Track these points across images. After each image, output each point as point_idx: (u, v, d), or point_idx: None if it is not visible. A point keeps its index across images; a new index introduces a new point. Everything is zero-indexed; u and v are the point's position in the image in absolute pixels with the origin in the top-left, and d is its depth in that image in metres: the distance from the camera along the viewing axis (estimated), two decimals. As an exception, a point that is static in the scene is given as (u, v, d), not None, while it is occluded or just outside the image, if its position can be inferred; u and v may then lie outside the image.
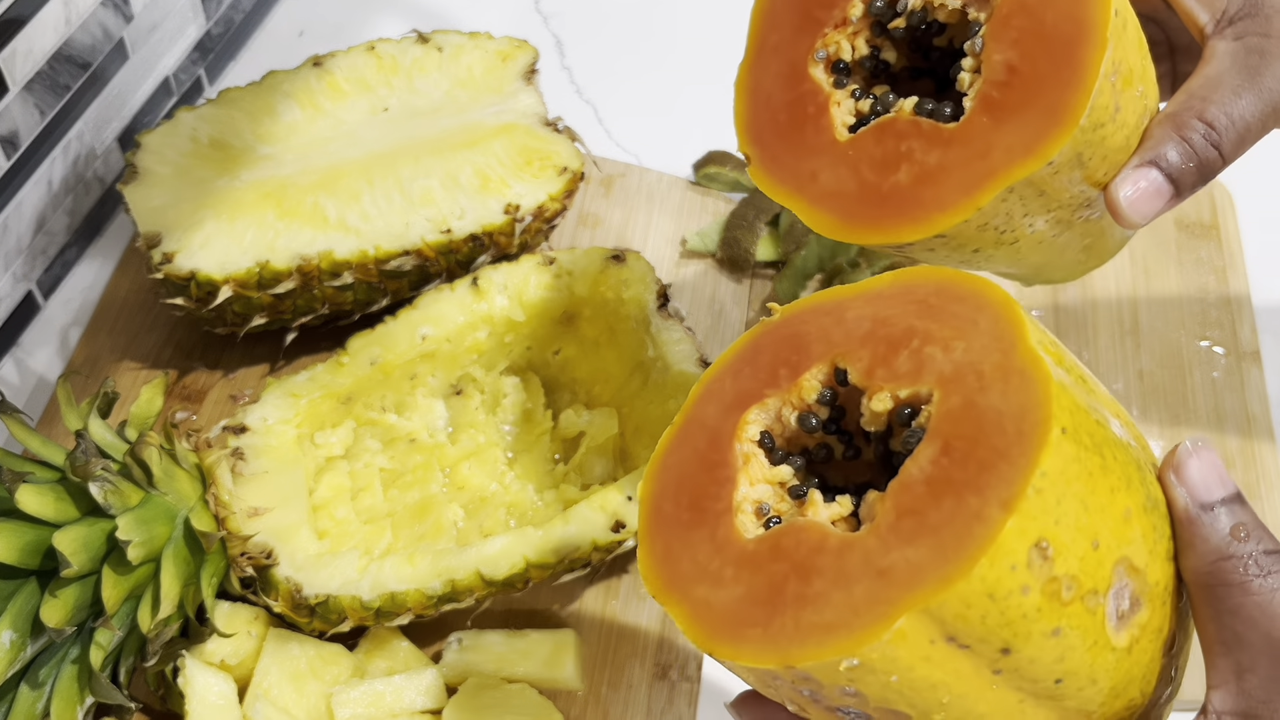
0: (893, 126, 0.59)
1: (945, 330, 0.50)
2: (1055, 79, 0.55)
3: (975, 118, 0.57)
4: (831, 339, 0.53)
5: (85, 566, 0.64)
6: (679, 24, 1.21)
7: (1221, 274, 0.99)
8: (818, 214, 0.61)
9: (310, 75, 0.89)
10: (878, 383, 0.50)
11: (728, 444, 0.53)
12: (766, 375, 0.54)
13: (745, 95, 0.65)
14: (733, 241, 0.96)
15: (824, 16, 0.63)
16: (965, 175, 0.57)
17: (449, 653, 0.74)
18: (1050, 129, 0.55)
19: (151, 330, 0.91)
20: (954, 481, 0.46)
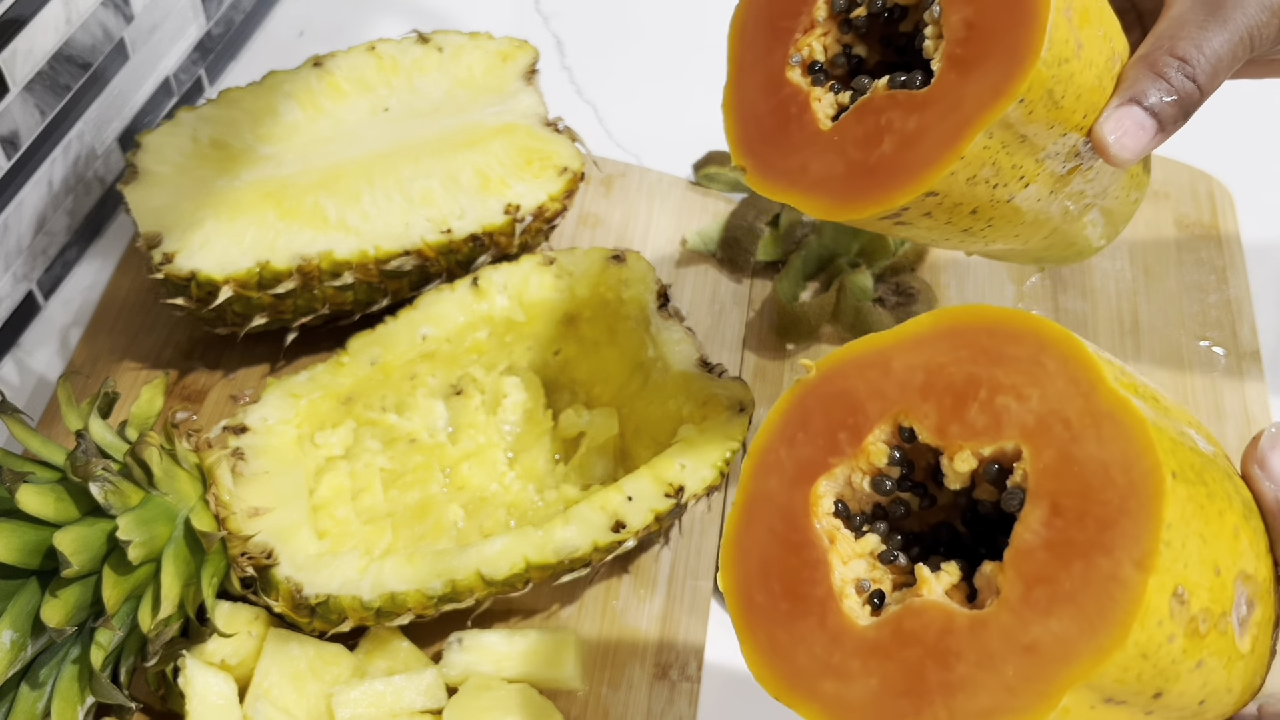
0: (870, 105, 0.61)
1: (1013, 377, 0.49)
2: (1010, 22, 0.56)
3: (944, 77, 0.58)
4: (885, 394, 0.52)
5: (86, 566, 0.64)
6: (679, 25, 1.21)
7: (1221, 274, 0.99)
8: (812, 200, 0.62)
9: (310, 75, 0.90)
10: (954, 440, 0.50)
11: (805, 522, 0.52)
12: (825, 441, 0.53)
13: (732, 113, 0.67)
14: (733, 242, 0.96)
15: (791, 25, 0.65)
16: (943, 129, 0.58)
17: (449, 653, 0.74)
18: (1014, 68, 0.56)
19: (152, 330, 0.91)
20: (1077, 543, 0.45)
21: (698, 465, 0.74)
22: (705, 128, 1.11)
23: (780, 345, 0.94)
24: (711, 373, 0.78)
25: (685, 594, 0.81)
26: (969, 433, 0.49)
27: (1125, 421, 0.46)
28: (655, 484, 0.73)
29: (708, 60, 1.18)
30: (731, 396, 0.76)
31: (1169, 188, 1.05)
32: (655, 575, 0.81)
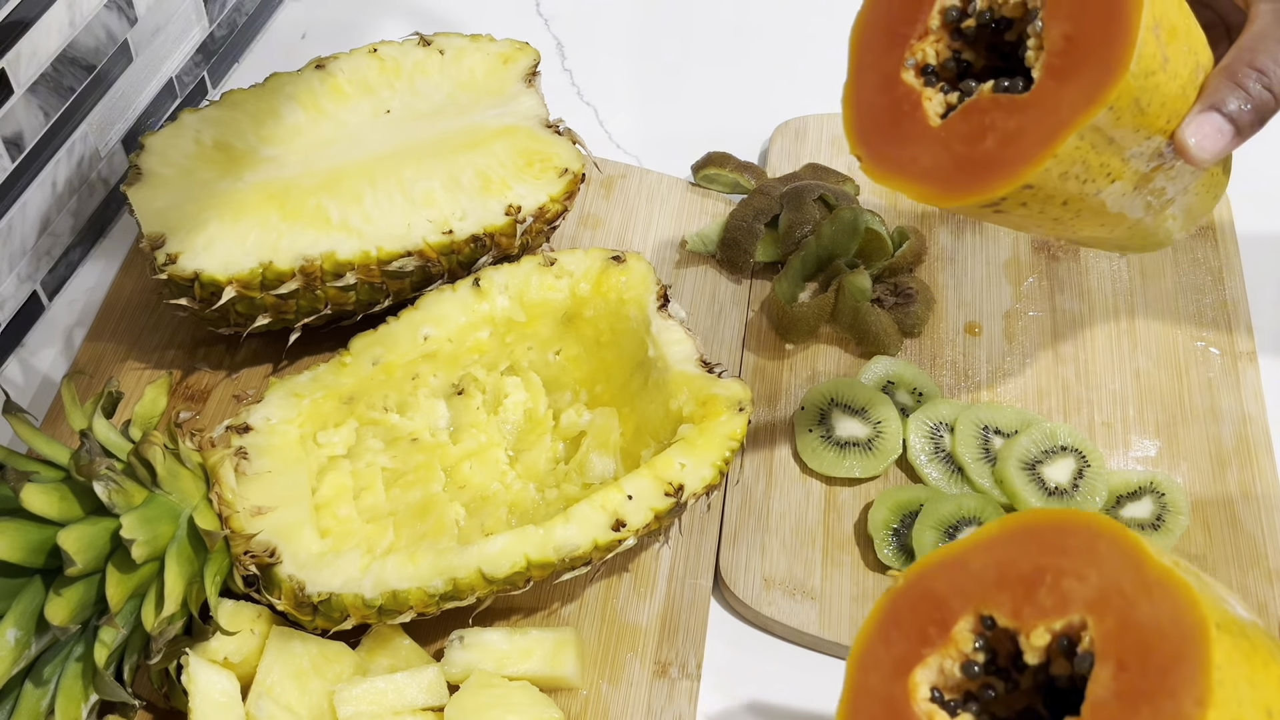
0: (976, 106, 0.68)
1: (1073, 561, 0.57)
2: (1105, 37, 0.63)
3: (1044, 83, 0.65)
4: (966, 590, 0.59)
5: (89, 565, 0.64)
6: (680, 27, 1.21)
7: (1218, 275, 0.99)
8: (920, 188, 0.70)
9: (313, 77, 0.90)
10: (1029, 621, 0.57)
11: (906, 709, 0.58)
12: (917, 636, 0.60)
13: (850, 108, 0.74)
14: (732, 243, 0.96)
15: (908, 31, 0.72)
16: (1041, 130, 0.65)
17: (450, 650, 0.75)
18: (1106, 78, 0.63)
19: (155, 330, 0.92)
20: (1142, 691, 0.52)
21: (698, 464, 0.74)
22: (705, 129, 1.12)
23: (780, 345, 0.94)
24: (711, 373, 0.79)
25: (685, 592, 0.81)
26: (1040, 613, 0.57)
27: (1172, 586, 0.54)
28: (655, 483, 0.73)
29: (708, 63, 1.18)
30: (731, 396, 0.77)
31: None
32: (655, 574, 0.82)
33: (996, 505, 0.83)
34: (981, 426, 0.88)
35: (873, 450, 0.87)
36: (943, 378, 0.93)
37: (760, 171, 1.02)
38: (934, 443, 0.88)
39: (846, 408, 0.89)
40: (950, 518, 0.82)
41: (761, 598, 0.81)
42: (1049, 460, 0.86)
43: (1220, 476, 0.88)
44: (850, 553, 0.84)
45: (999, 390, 0.93)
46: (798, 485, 0.87)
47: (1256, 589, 0.83)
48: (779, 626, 0.81)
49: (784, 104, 1.13)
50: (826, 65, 1.18)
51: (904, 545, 0.83)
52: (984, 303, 0.97)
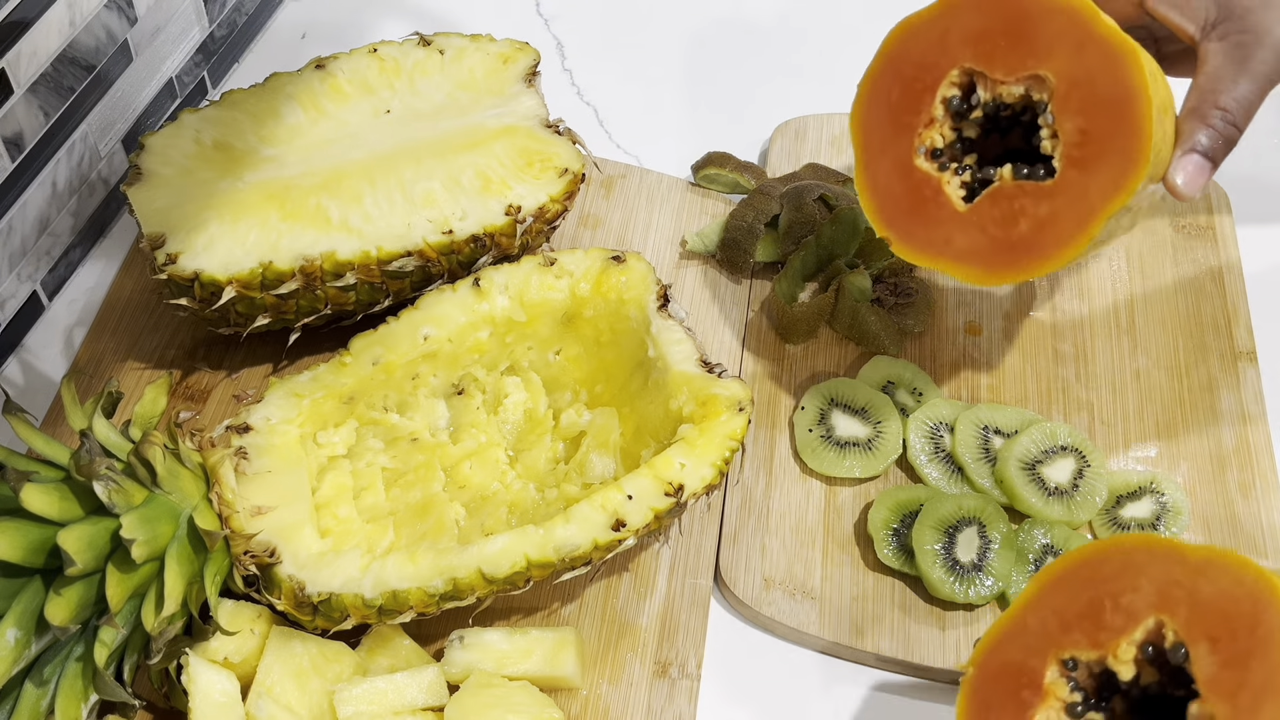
0: (1002, 192, 0.76)
1: (1120, 581, 0.63)
2: (1121, 132, 0.72)
3: (1067, 173, 0.74)
4: (1038, 648, 0.64)
5: (89, 565, 0.64)
6: (680, 27, 1.21)
7: (1217, 274, 0.99)
8: (962, 268, 0.77)
9: (313, 77, 0.90)
10: (1108, 644, 0.63)
11: None
12: (1015, 707, 0.64)
13: (868, 191, 0.81)
14: (732, 243, 0.96)
15: (914, 121, 0.78)
16: (1074, 215, 0.73)
17: (450, 650, 0.75)
18: (1129, 169, 0.72)
19: (155, 330, 0.92)
20: (1242, 653, 0.58)
21: (698, 464, 0.74)
22: (705, 129, 1.12)
23: (780, 345, 0.94)
24: (711, 372, 0.79)
25: (685, 592, 0.81)
26: (1115, 632, 0.62)
27: (1219, 560, 0.60)
28: (655, 483, 0.73)
29: (708, 63, 1.18)
30: (731, 396, 0.77)
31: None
32: (655, 574, 0.82)
33: (996, 505, 0.83)
34: (981, 426, 0.88)
35: (873, 450, 0.87)
36: (943, 378, 0.93)
37: (760, 171, 1.02)
38: (934, 443, 0.88)
39: (846, 408, 0.89)
40: (950, 518, 0.82)
41: (761, 598, 0.81)
42: (1049, 460, 0.86)
43: (1220, 476, 0.88)
44: (850, 553, 0.84)
45: (999, 390, 0.93)
46: (798, 485, 0.87)
47: (1256, 589, 0.83)
48: (779, 626, 0.81)
49: (784, 104, 1.13)
50: (827, 66, 1.18)
51: (904, 545, 0.83)
52: (984, 303, 0.97)
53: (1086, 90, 0.73)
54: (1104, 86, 0.72)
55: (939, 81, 0.76)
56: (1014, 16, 0.74)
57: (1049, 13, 0.73)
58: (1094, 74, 0.73)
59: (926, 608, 0.82)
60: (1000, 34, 0.74)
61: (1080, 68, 0.73)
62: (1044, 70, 0.75)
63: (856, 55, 1.02)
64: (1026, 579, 0.81)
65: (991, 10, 0.75)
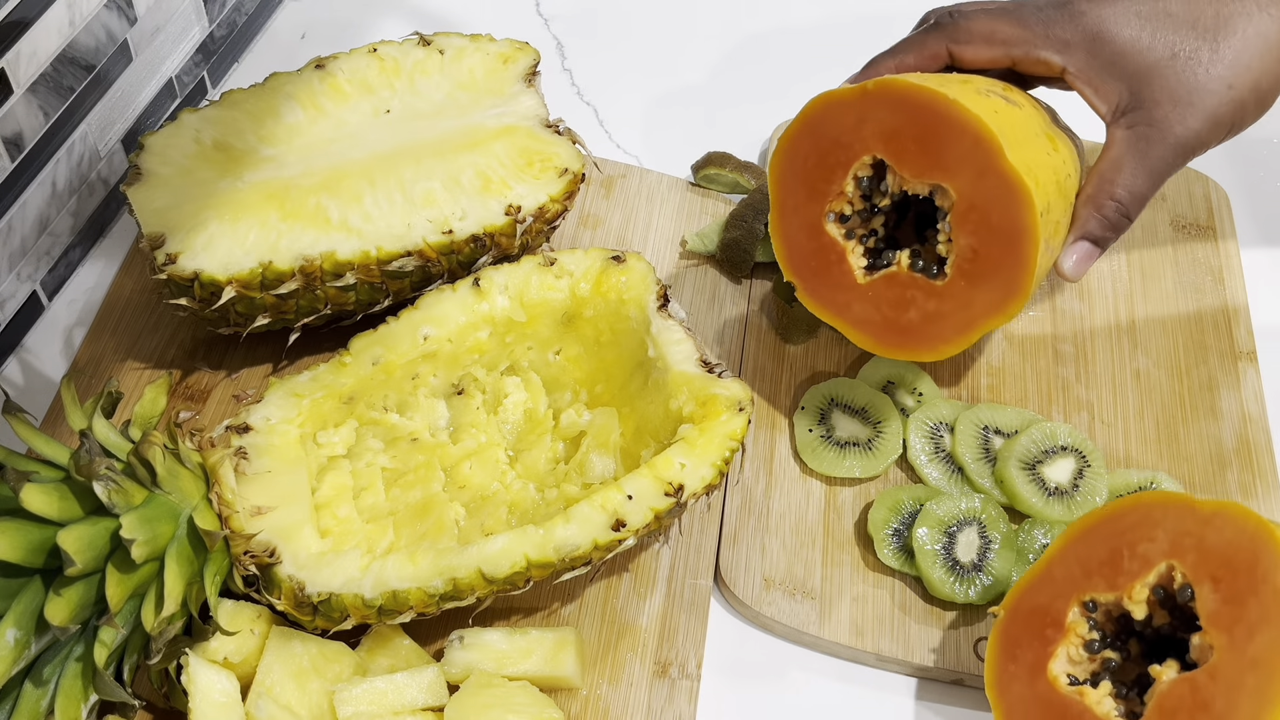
0: (897, 278, 0.81)
1: (1138, 532, 0.70)
2: (1008, 264, 0.76)
3: (955, 281, 0.79)
4: (1063, 592, 0.72)
5: (89, 565, 0.64)
6: (679, 27, 1.21)
7: (1218, 274, 0.99)
8: (856, 334, 0.83)
9: (313, 77, 0.90)
10: (1124, 586, 0.70)
11: (1056, 697, 0.70)
12: (1039, 641, 0.72)
13: (781, 241, 0.85)
14: (732, 243, 0.96)
15: (826, 189, 0.82)
16: (957, 321, 0.79)
17: (450, 650, 0.75)
18: (1012, 297, 0.77)
19: (155, 330, 0.92)
20: (1240, 590, 0.65)
21: (698, 464, 0.74)
22: (704, 129, 1.12)
23: (780, 345, 0.94)
24: (711, 373, 0.79)
25: (685, 592, 0.81)
26: (1131, 576, 0.70)
27: (1226, 512, 0.67)
28: (655, 483, 0.73)
29: (707, 63, 1.18)
30: (731, 396, 0.77)
31: (1165, 189, 1.05)
32: (655, 574, 0.82)
33: (997, 505, 0.83)
34: (981, 426, 0.88)
35: (873, 450, 0.87)
36: (943, 378, 0.93)
37: (760, 171, 1.02)
38: (934, 443, 0.88)
39: (846, 408, 0.89)
40: (950, 518, 0.82)
41: (761, 598, 0.81)
42: (1049, 460, 0.86)
43: (1220, 476, 0.88)
44: (850, 553, 0.84)
45: (999, 390, 0.93)
46: (798, 485, 0.87)
47: (1256, 589, 0.83)
48: (779, 626, 0.81)
49: (784, 104, 1.13)
50: (827, 65, 1.18)
51: (904, 545, 0.83)
52: (984, 303, 0.97)
53: (982, 215, 0.76)
54: (999, 218, 0.75)
55: (852, 162, 0.79)
56: (925, 126, 0.76)
57: (958, 134, 0.75)
58: (991, 203, 0.75)
59: (926, 608, 0.82)
60: (911, 138, 0.77)
61: (979, 193, 0.76)
62: (946, 184, 0.77)
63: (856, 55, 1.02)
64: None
65: (906, 113, 0.76)
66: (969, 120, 0.74)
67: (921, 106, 0.76)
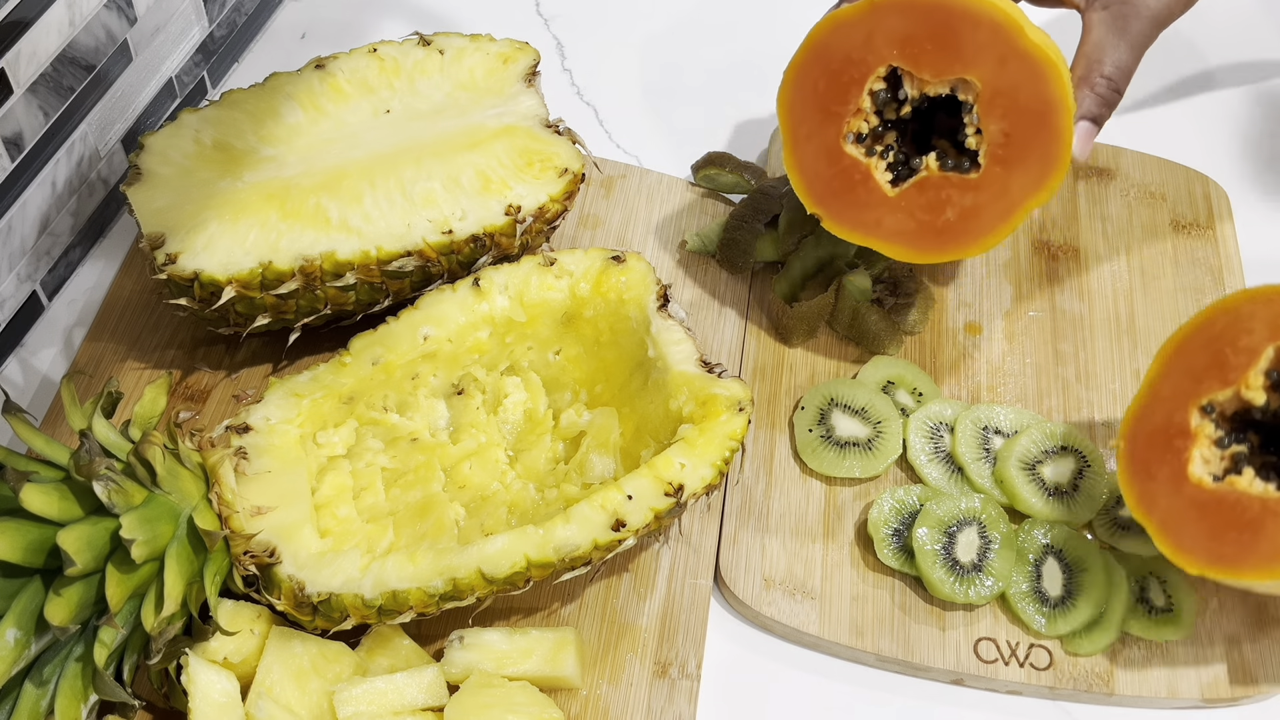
0: (929, 181, 0.82)
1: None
2: (1042, 139, 0.79)
3: (991, 169, 0.80)
4: (1256, 340, 0.75)
5: (89, 565, 0.64)
6: (679, 27, 1.21)
7: (1217, 274, 0.99)
8: (892, 247, 0.84)
9: (313, 77, 0.90)
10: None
11: (1188, 443, 0.76)
12: (1199, 382, 0.76)
13: (797, 173, 0.86)
14: (731, 243, 0.96)
15: (841, 110, 0.83)
16: (998, 208, 0.81)
17: (450, 650, 0.75)
18: (1050, 170, 0.79)
19: (155, 330, 0.92)
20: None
21: (698, 464, 0.74)
22: (704, 129, 1.12)
23: (780, 345, 0.94)
24: (711, 372, 0.79)
25: (685, 592, 0.81)
26: (1241, 369, 0.74)
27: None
28: (655, 483, 0.73)
29: (708, 63, 1.18)
30: (731, 396, 0.77)
31: (1165, 189, 1.05)
32: (655, 574, 0.82)
33: (997, 505, 0.83)
34: (981, 426, 0.88)
35: (873, 450, 0.87)
36: (943, 378, 0.93)
37: (760, 171, 1.02)
38: (934, 443, 0.88)
39: (846, 408, 0.89)
40: (950, 518, 0.82)
41: (761, 598, 0.81)
42: (1049, 460, 0.86)
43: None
44: (850, 553, 0.84)
45: (999, 390, 0.93)
46: (798, 485, 0.87)
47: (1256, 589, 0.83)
48: (779, 626, 0.81)
49: (784, 104, 1.13)
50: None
51: (904, 545, 0.83)
52: (984, 303, 0.97)
53: (1010, 98, 0.78)
54: (1027, 97, 0.78)
55: (866, 76, 0.81)
56: (940, 25, 0.78)
57: (974, 25, 0.77)
58: (1017, 84, 0.78)
59: (926, 608, 0.82)
60: (926, 39, 0.79)
61: (1004, 78, 0.78)
62: (969, 76, 0.79)
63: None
64: (1026, 579, 0.81)
65: (918, 17, 0.79)
66: (984, 10, 0.77)
67: (934, 7, 0.78)
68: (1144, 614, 0.81)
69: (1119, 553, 0.84)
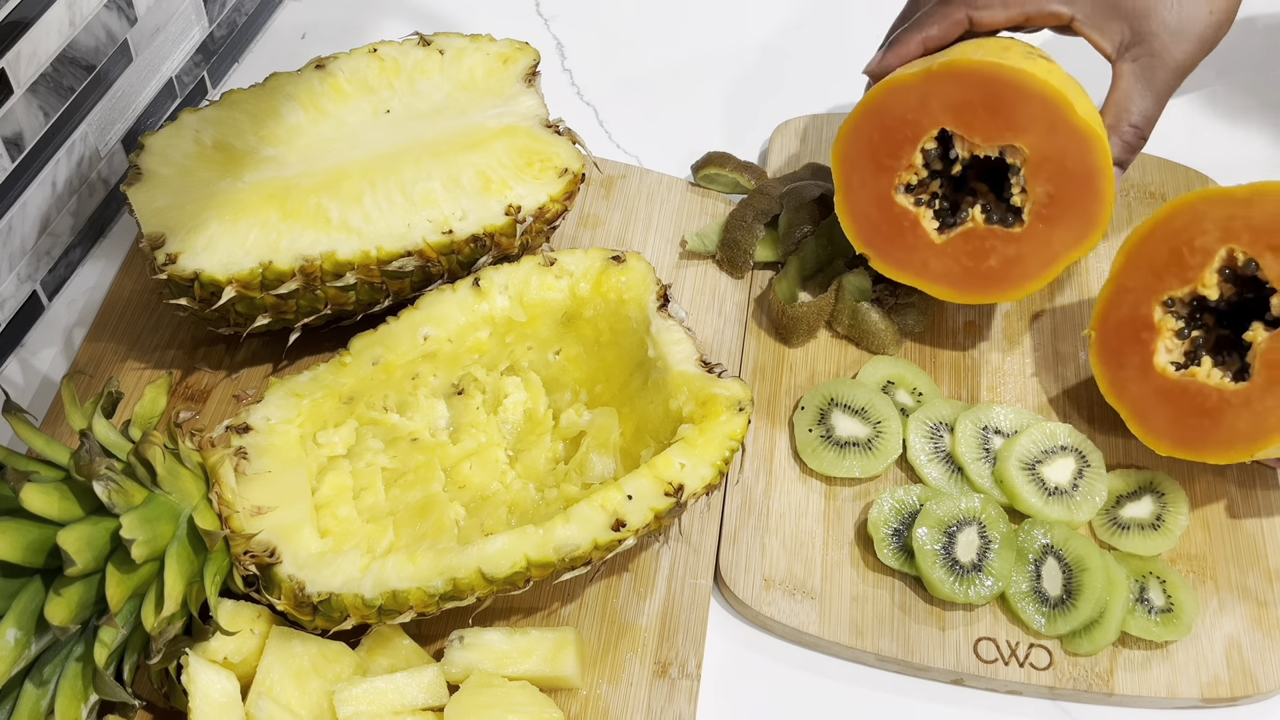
0: (974, 232, 0.88)
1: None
2: (1085, 201, 0.85)
3: (1034, 225, 0.87)
4: (1234, 229, 0.81)
5: (89, 565, 0.64)
6: (679, 27, 1.21)
7: (1218, 275, 0.99)
8: (937, 288, 0.90)
9: (313, 77, 0.90)
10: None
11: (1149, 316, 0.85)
12: (1161, 276, 0.85)
13: (848, 217, 0.91)
14: (731, 243, 0.96)
15: (894, 164, 0.88)
16: (1039, 260, 0.87)
17: (450, 650, 0.75)
18: (1090, 230, 0.85)
19: (155, 330, 0.92)
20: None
21: (698, 464, 0.74)
22: (704, 129, 1.12)
23: (780, 345, 0.94)
24: (711, 372, 0.79)
25: (685, 592, 0.81)
26: (1198, 268, 0.83)
27: (1266, 190, 0.79)
28: (655, 483, 0.73)
29: (708, 63, 1.18)
30: (731, 396, 0.77)
31: (1165, 188, 1.05)
32: (655, 574, 0.82)
33: (997, 505, 0.83)
34: (981, 426, 0.88)
35: (873, 450, 0.87)
36: (943, 378, 0.93)
37: (760, 171, 1.02)
38: (934, 443, 0.88)
39: (846, 408, 0.89)
40: (950, 518, 0.82)
41: (761, 598, 0.81)
42: (1049, 460, 0.86)
43: (1219, 475, 0.88)
44: (850, 553, 0.84)
45: (999, 390, 0.93)
46: (798, 485, 0.87)
47: (1257, 589, 0.83)
48: (779, 626, 0.81)
49: (784, 104, 1.13)
50: (827, 65, 1.18)
51: (904, 545, 0.83)
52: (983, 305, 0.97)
53: (1057, 164, 0.84)
54: (1073, 164, 0.84)
55: (920, 136, 0.86)
56: (994, 95, 0.84)
57: (1027, 98, 0.83)
58: (1064, 152, 0.84)
59: (926, 608, 0.82)
60: (980, 107, 0.84)
61: (1052, 146, 0.84)
62: (1019, 143, 0.85)
63: (856, 55, 1.02)
64: (1026, 579, 0.81)
65: (973, 87, 0.84)
66: (1036, 86, 0.82)
67: (989, 79, 0.83)
68: (1144, 614, 0.81)
69: (1119, 553, 0.84)
